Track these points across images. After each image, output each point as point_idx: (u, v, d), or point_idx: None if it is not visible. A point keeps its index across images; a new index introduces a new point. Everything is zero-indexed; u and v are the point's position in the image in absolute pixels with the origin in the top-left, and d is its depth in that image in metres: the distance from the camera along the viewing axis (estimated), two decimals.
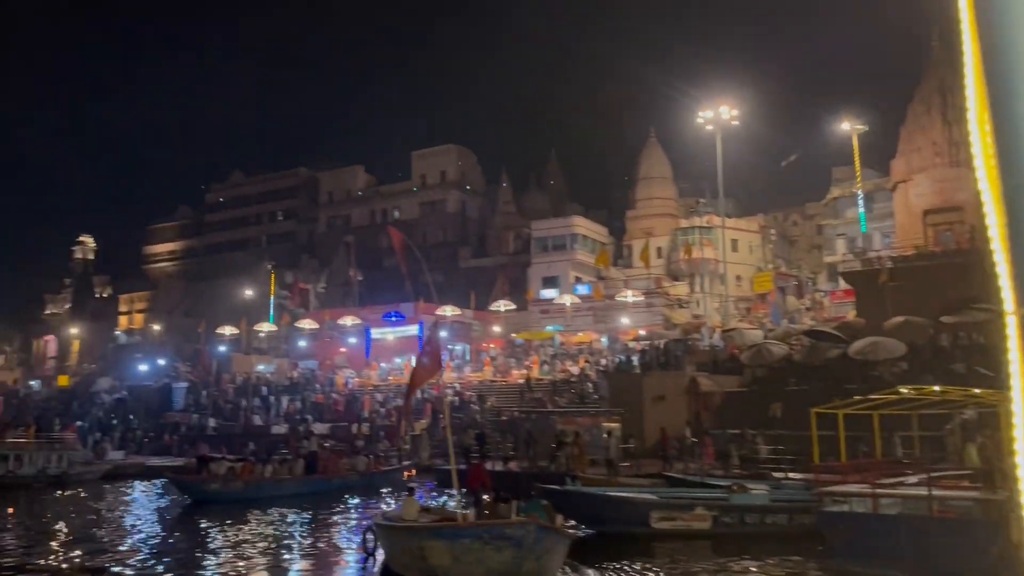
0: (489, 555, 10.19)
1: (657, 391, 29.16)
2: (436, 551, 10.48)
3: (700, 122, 42.04)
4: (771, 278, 51.72)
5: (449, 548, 10.38)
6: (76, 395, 58.90)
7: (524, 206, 65.61)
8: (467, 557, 10.26)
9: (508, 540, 10.15)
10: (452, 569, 10.39)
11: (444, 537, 10.55)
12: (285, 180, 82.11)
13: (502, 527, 10.40)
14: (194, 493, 23.53)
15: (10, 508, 23.18)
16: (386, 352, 49.23)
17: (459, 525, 10.81)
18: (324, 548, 16.26)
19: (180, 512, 22.15)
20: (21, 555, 15.46)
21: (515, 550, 10.20)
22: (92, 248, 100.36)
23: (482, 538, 10.26)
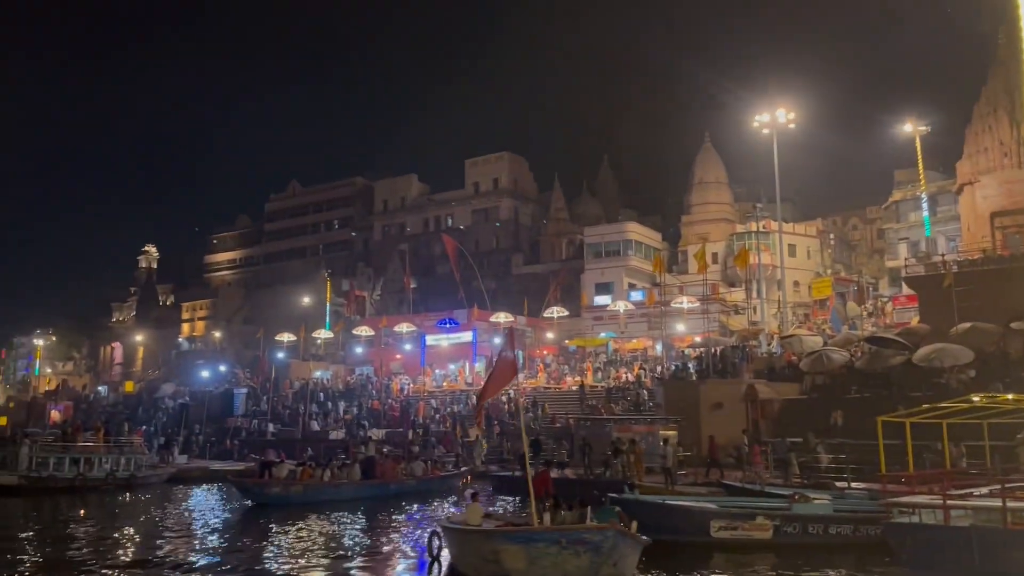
0: (566, 559, 10.31)
1: (714, 399, 28.81)
2: (511, 555, 10.60)
3: (756, 125, 41.43)
4: (830, 283, 50.63)
5: (525, 552, 10.50)
6: (141, 400, 60.69)
7: (576, 212, 65.51)
8: (543, 561, 10.37)
9: (586, 545, 10.26)
10: (527, 572, 10.51)
11: (520, 541, 10.67)
12: (341, 190, 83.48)
13: (581, 532, 10.51)
14: (255, 496, 24.08)
15: (81, 510, 23.98)
16: (440, 358, 49.57)
17: (535, 529, 10.90)
18: (389, 551, 16.45)
19: (243, 514, 22.63)
20: (101, 554, 15.99)
21: (593, 555, 10.32)
22: (155, 257, 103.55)
23: (559, 543, 10.37)
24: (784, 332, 38.71)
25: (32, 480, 27.62)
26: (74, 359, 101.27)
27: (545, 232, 64.45)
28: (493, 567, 10.96)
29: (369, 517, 21.21)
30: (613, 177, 73.04)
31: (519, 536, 10.84)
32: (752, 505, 15.45)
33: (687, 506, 14.71)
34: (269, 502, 23.46)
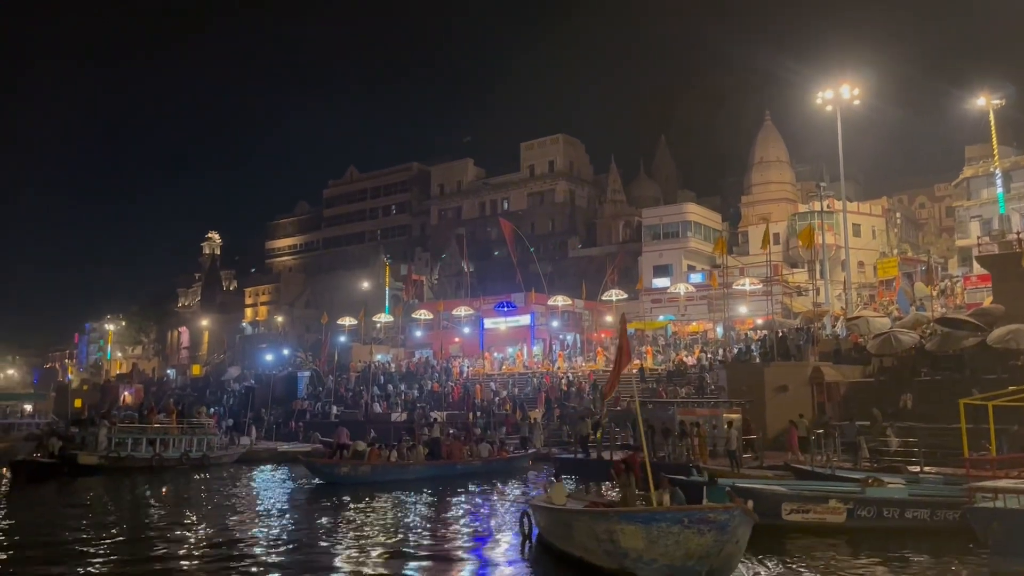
0: (689, 538, 10.41)
1: (779, 381, 28.37)
2: (629, 534, 10.75)
3: (819, 102, 40.41)
4: (896, 264, 49.27)
5: (644, 531, 10.62)
6: (208, 383, 62.48)
7: (633, 194, 64.98)
8: (665, 540, 10.48)
9: (711, 524, 10.40)
10: (646, 551, 10.63)
11: (639, 521, 10.79)
12: (398, 175, 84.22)
13: (706, 511, 10.67)
14: (326, 476, 24.69)
15: (163, 488, 24.87)
16: (499, 341, 49.84)
17: (656, 509, 11.07)
18: (478, 530, 16.78)
19: (315, 493, 23.21)
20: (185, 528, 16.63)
21: (718, 533, 10.43)
22: (218, 244, 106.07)
23: (682, 522, 10.48)
24: (849, 314, 37.90)
25: (111, 460, 28.69)
26: (143, 343, 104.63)
27: (601, 214, 64.08)
28: (607, 546, 11.11)
29: (441, 497, 21.55)
30: (670, 158, 72.20)
31: (638, 516, 10.97)
32: (824, 489, 15.25)
33: (758, 488, 14.58)
34: (339, 481, 24.02)
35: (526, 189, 70.84)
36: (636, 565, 10.79)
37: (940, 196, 64.17)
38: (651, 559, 10.65)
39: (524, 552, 13.83)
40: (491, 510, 19.67)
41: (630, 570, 10.84)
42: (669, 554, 10.53)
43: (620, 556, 10.93)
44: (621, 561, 10.93)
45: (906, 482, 16.32)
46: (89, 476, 27.15)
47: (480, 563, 13.35)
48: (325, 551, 14.28)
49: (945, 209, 63.10)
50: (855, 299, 44.75)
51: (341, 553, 14.07)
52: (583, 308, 53.24)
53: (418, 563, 13.25)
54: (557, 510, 13.06)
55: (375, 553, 14.07)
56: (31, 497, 23.17)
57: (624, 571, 10.90)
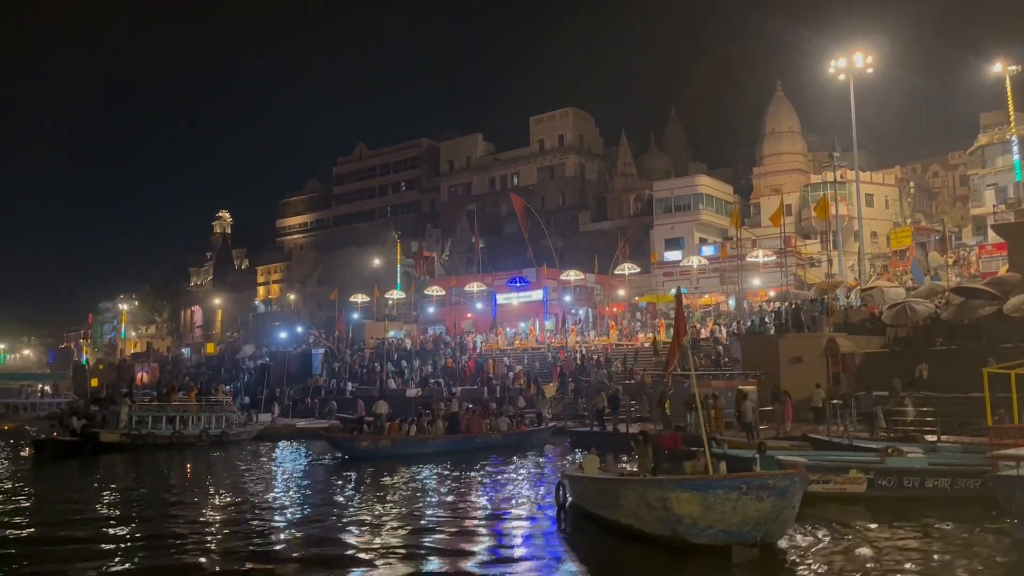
0: (747, 504, 10.65)
1: (793, 353, 28.44)
2: (684, 501, 11.02)
3: (832, 71, 39.99)
4: (910, 233, 49.01)
5: (700, 499, 10.86)
6: (223, 361, 62.87)
7: (644, 167, 64.65)
8: (722, 506, 10.72)
9: (771, 490, 10.66)
10: (702, 518, 10.89)
11: (695, 488, 11.03)
12: (407, 151, 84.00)
13: (765, 478, 10.94)
14: (347, 450, 25.09)
15: (188, 464, 25.21)
16: (511, 317, 49.98)
17: (712, 477, 11.35)
18: (511, 499, 17.12)
19: (338, 467, 23.56)
20: (215, 501, 16.90)
21: (777, 499, 10.69)
22: (229, 223, 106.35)
23: (740, 488, 10.71)
24: (863, 284, 37.81)
25: (133, 437, 29.09)
26: (156, 322, 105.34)
27: (612, 188, 63.83)
28: (659, 514, 11.37)
29: (465, 469, 21.83)
30: (681, 130, 71.69)
31: (695, 484, 11.21)
32: (844, 459, 15.34)
33: (778, 459, 14.65)
34: (360, 455, 24.41)
35: (536, 164, 70.56)
36: (690, 531, 11.05)
37: (954, 164, 63.65)
38: (707, 525, 10.90)
39: (560, 521, 14.09)
40: (520, 481, 19.98)
41: (683, 536, 11.12)
42: (725, 520, 10.78)
43: (673, 523, 11.19)
44: (674, 528, 11.20)
45: (923, 451, 16.39)
46: (111, 453, 27.55)
47: (521, 531, 13.62)
48: (355, 523, 14.53)
49: (959, 178, 62.59)
50: (868, 270, 44.59)
51: (373, 524, 14.33)
52: (594, 282, 53.27)
53: (459, 533, 13.51)
54: (603, 480, 13.34)
55: (409, 523, 14.35)
56: (58, 474, 23.54)
57: (677, 537, 11.19)
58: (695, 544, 11.00)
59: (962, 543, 11.67)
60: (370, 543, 12.73)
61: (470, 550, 12.12)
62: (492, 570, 11.06)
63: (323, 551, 12.17)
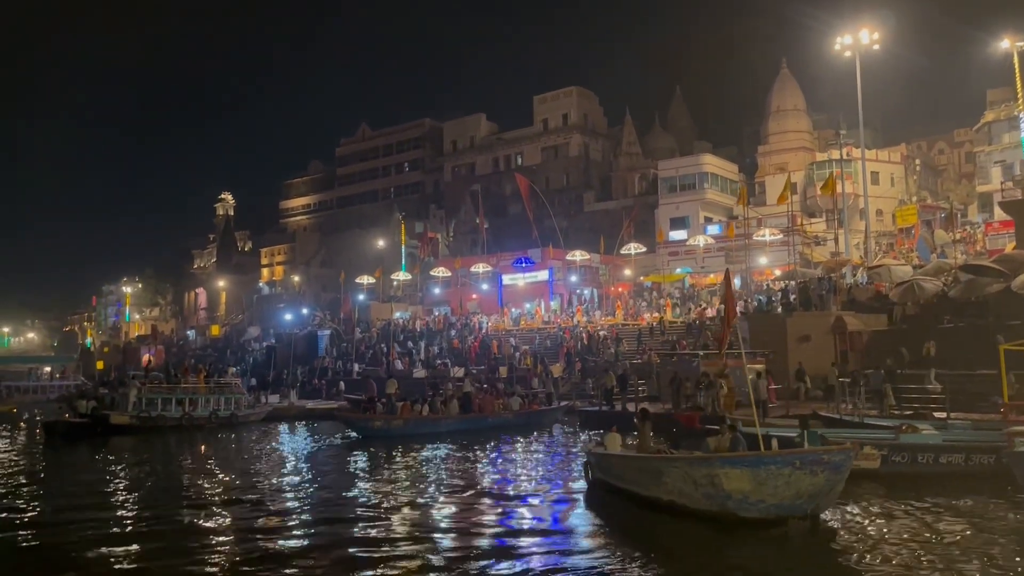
0: (801, 479, 10.99)
1: (801, 331, 28.47)
2: (733, 477, 11.30)
3: (837, 48, 39.74)
4: (915, 211, 48.92)
5: (751, 474, 11.15)
6: (229, 343, 63.05)
7: (649, 146, 64.41)
8: (774, 481, 11.03)
9: (825, 465, 11.01)
10: (753, 493, 11.19)
11: (746, 465, 11.32)
12: (410, 131, 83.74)
13: (820, 453, 11.30)
14: (361, 430, 25.29)
15: (202, 446, 25.35)
16: (516, 297, 50.04)
17: (764, 453, 11.65)
18: (539, 475, 17.39)
19: (351, 446, 23.76)
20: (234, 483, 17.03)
21: (831, 473, 11.06)
22: (232, 205, 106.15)
23: (793, 464, 11.03)
24: (868, 262, 37.78)
25: (143, 419, 29.21)
26: (160, 305, 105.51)
27: (617, 168, 63.65)
28: (707, 490, 11.62)
29: (481, 447, 22.07)
30: (686, 109, 71.36)
31: (745, 460, 11.48)
32: (858, 436, 15.40)
33: (793, 437, 14.75)
34: (373, 435, 24.61)
35: (540, 143, 70.31)
36: (740, 506, 11.32)
37: (960, 142, 63.40)
38: (757, 500, 11.20)
39: (589, 498, 14.29)
40: (539, 458, 20.25)
41: (732, 511, 11.38)
42: (778, 494, 11.09)
43: (722, 499, 11.44)
44: (723, 503, 11.45)
45: (933, 427, 16.47)
46: (121, 435, 27.62)
47: (550, 506, 13.83)
48: (379, 500, 14.73)
49: (965, 155, 62.38)
50: (873, 248, 44.55)
51: (399, 501, 14.56)
52: (599, 262, 53.26)
53: (492, 508, 13.75)
54: (643, 458, 13.63)
55: (438, 500, 14.65)
56: (70, 456, 23.64)
57: (725, 512, 11.44)
58: (743, 518, 11.28)
59: (980, 517, 11.80)
60: (400, 520, 12.88)
61: (503, 525, 12.36)
62: (526, 542, 11.25)
63: (347, 529, 12.28)
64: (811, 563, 10.15)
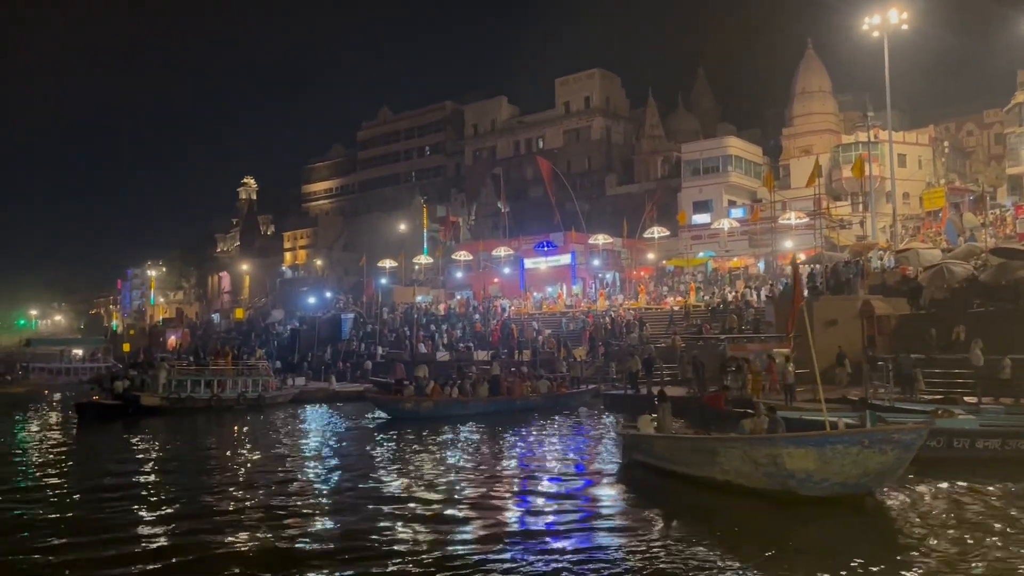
0: (869, 457, 11.22)
1: (828, 316, 28.23)
2: (797, 457, 11.53)
3: (865, 28, 39.13)
4: (943, 194, 48.26)
5: (817, 454, 11.37)
6: (253, 326, 63.50)
7: (672, 129, 63.93)
8: (841, 460, 11.25)
9: (895, 443, 11.23)
10: (818, 472, 11.42)
11: (811, 444, 11.52)
12: (431, 115, 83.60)
13: (891, 432, 11.51)
14: (391, 411, 25.65)
15: (235, 427, 25.68)
16: (538, 281, 49.99)
17: (831, 433, 11.72)
18: (574, 457, 17.62)
19: (383, 427, 24.09)
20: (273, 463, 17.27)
21: (901, 451, 11.27)
22: (254, 189, 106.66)
23: (862, 443, 11.26)
24: (895, 246, 37.41)
25: (173, 401, 29.62)
26: (183, 288, 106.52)
27: (639, 151, 63.25)
28: (769, 469, 11.84)
29: (514, 429, 22.32)
30: (709, 91, 70.71)
31: (810, 440, 11.64)
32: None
33: (830, 422, 14.81)
34: (403, 416, 24.92)
35: (561, 127, 69.97)
36: (803, 485, 11.54)
37: (989, 123, 62.40)
38: (823, 478, 11.43)
39: (628, 478, 14.43)
40: (572, 440, 20.44)
41: (793, 489, 11.60)
42: (844, 472, 11.33)
43: (784, 478, 11.67)
44: (784, 482, 11.67)
45: (966, 413, 16.36)
46: (151, 417, 28.02)
47: (596, 488, 13.99)
48: (419, 478, 15.08)
49: (994, 136, 61.40)
50: (900, 231, 44.08)
51: (444, 480, 14.83)
52: (621, 246, 53.09)
53: (531, 487, 13.96)
54: (697, 439, 13.90)
55: (482, 478, 14.91)
56: (103, 436, 24.00)
57: (786, 491, 11.65)
58: (805, 496, 11.48)
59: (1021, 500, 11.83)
60: (446, 498, 13.11)
61: (545, 504, 12.55)
62: (568, 519, 11.44)
63: (385, 506, 12.47)
64: (871, 540, 10.21)
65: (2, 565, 9.57)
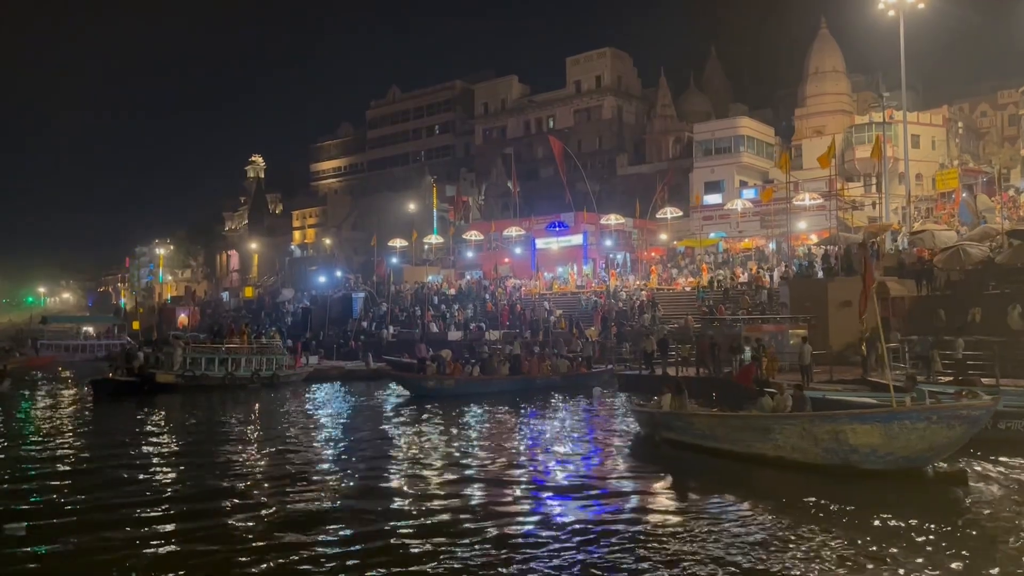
0: (936, 432, 11.62)
1: (843, 297, 28.23)
2: (862, 433, 11.96)
3: (881, 7, 38.69)
4: (957, 175, 47.95)
5: (883, 429, 11.79)
6: (263, 305, 63.74)
7: (683, 109, 63.50)
8: (908, 435, 11.66)
9: (962, 419, 11.63)
10: (882, 447, 11.84)
11: (877, 420, 11.95)
12: (440, 94, 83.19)
13: (958, 408, 11.90)
14: (414, 389, 25.92)
15: (256, 404, 25.93)
16: (549, 261, 49.99)
17: (897, 409, 12.08)
18: (590, 434, 18.02)
19: (407, 403, 24.44)
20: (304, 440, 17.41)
21: (968, 427, 11.71)
22: (262, 167, 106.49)
23: (929, 418, 11.62)
24: (908, 227, 37.27)
25: (188, 379, 29.77)
26: (191, 267, 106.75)
27: (651, 130, 62.91)
28: (829, 445, 12.20)
29: (536, 407, 22.67)
30: (721, 70, 70.03)
31: (876, 416, 12.03)
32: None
33: (852, 400, 14.92)
34: (425, 394, 25.19)
35: (572, 106, 69.55)
36: (866, 459, 11.96)
37: (1003, 104, 61.93)
38: (887, 453, 11.86)
39: (662, 455, 14.65)
40: (592, 418, 20.78)
41: (855, 464, 12.00)
42: (910, 447, 11.74)
43: (846, 453, 12.09)
44: (846, 457, 12.09)
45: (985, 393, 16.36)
46: (166, 394, 28.16)
47: (627, 463, 14.39)
48: (451, 454, 15.29)
49: (1008, 117, 60.96)
50: (912, 213, 43.89)
51: (473, 455, 15.09)
52: (632, 227, 53.00)
53: (562, 463, 14.19)
54: (748, 416, 14.18)
55: (517, 453, 15.21)
56: (119, 412, 24.18)
57: (847, 465, 12.03)
58: (868, 470, 11.88)
59: None
60: (480, 469, 13.46)
61: (585, 482, 12.73)
62: (617, 499, 11.60)
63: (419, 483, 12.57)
64: (939, 510, 10.45)
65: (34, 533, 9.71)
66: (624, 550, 8.91)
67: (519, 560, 8.57)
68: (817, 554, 8.72)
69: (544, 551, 8.88)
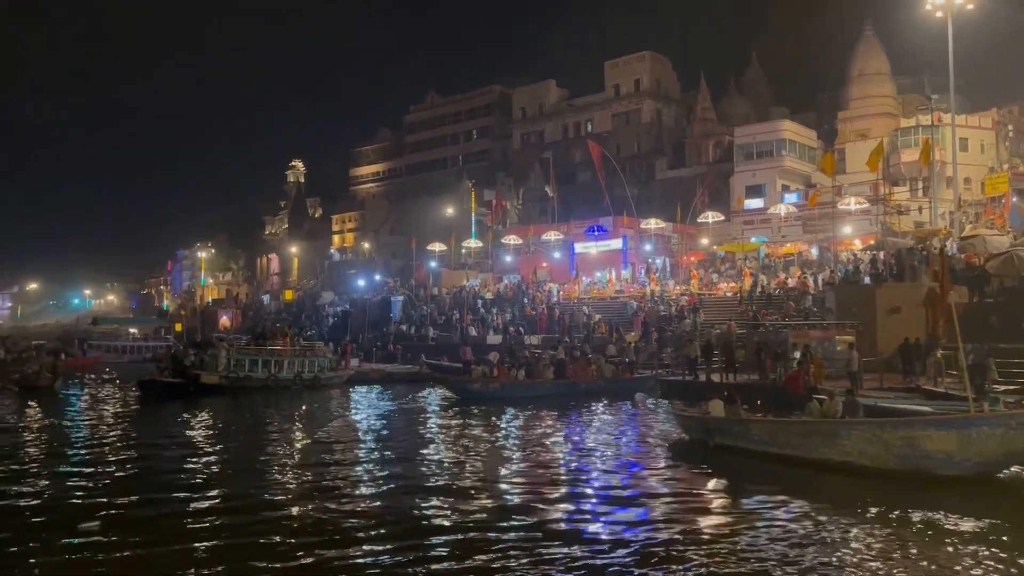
0: (1014, 438, 11.61)
1: (891, 303, 27.78)
2: (938, 439, 11.96)
3: (928, 8, 37.93)
4: (1007, 179, 46.86)
5: (960, 435, 11.78)
6: (303, 308, 64.42)
7: (724, 112, 62.90)
8: (986, 441, 11.67)
9: None
10: (958, 452, 11.82)
11: (954, 426, 11.98)
12: (479, 99, 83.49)
13: None
14: (460, 392, 26.12)
15: (303, 406, 26.19)
16: (588, 266, 49.82)
17: (976, 415, 12.08)
18: (639, 439, 18.06)
19: (453, 406, 24.65)
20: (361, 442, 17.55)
21: None
22: (302, 172, 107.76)
23: (1009, 424, 11.64)
24: (956, 232, 36.49)
25: (232, 380, 30.13)
26: (232, 270, 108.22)
27: (690, 134, 62.43)
28: (901, 451, 12.23)
29: (582, 412, 22.62)
30: (762, 73, 69.26)
31: (954, 422, 12.07)
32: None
33: (907, 408, 14.68)
34: (471, 397, 25.32)
35: (611, 110, 69.31)
36: (941, 465, 11.93)
37: None
38: (963, 458, 11.80)
39: (718, 461, 14.56)
40: (637, 424, 20.73)
41: (929, 470, 11.95)
42: (987, 452, 11.70)
43: (919, 459, 12.06)
44: (919, 463, 12.07)
45: None
46: (211, 395, 28.48)
47: (678, 470, 14.25)
48: (503, 456, 15.44)
49: None
50: (961, 218, 42.96)
51: (531, 459, 15.09)
52: (672, 231, 52.62)
53: (633, 476, 14.03)
54: (814, 422, 14.03)
55: (569, 454, 15.30)
56: (166, 412, 24.55)
57: (920, 471, 12.00)
58: (941, 476, 11.82)
59: None
60: (531, 474, 13.42)
61: (645, 488, 12.70)
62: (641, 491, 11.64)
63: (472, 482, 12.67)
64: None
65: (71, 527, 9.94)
66: (693, 554, 8.89)
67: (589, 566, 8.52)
68: (890, 556, 8.74)
69: (604, 558, 8.81)
